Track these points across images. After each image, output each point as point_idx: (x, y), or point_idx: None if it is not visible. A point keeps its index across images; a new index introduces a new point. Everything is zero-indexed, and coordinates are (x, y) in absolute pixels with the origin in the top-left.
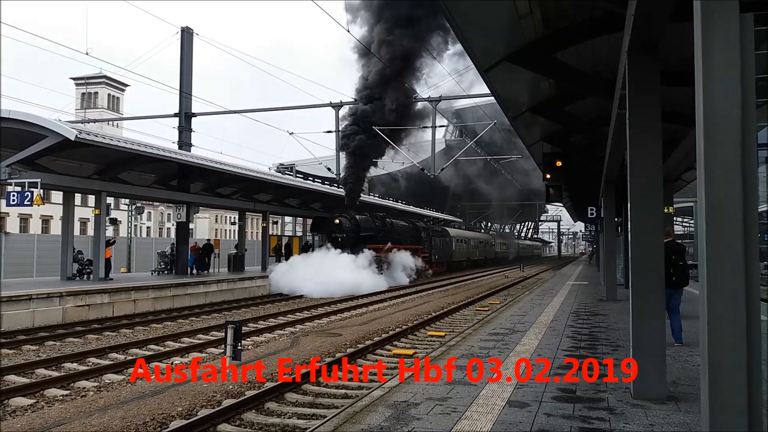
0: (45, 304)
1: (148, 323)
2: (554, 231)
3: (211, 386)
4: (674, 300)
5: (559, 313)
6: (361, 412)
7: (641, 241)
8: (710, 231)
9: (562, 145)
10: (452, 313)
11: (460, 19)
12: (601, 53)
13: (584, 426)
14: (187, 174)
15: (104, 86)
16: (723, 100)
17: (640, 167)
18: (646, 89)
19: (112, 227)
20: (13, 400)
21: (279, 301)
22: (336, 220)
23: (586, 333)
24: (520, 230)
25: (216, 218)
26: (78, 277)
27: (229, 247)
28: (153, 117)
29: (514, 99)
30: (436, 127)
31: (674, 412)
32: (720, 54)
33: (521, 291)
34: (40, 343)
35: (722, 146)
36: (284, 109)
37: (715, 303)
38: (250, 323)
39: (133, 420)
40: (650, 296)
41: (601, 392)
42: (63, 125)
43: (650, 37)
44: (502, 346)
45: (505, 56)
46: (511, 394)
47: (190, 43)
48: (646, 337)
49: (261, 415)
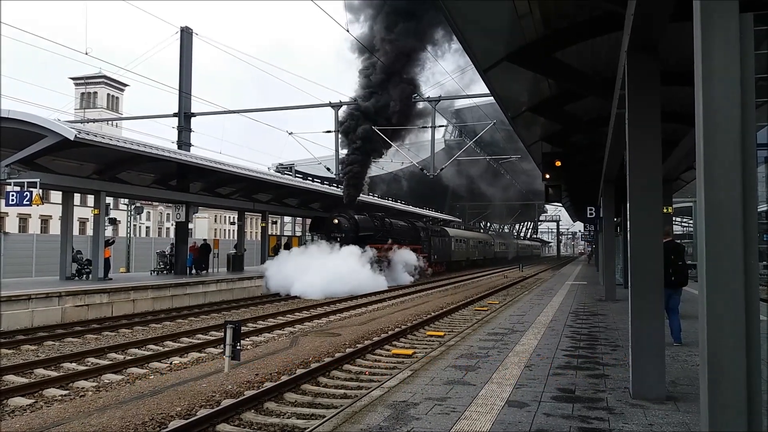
0: (44, 304)
1: (147, 323)
2: (553, 231)
3: (210, 386)
4: (673, 300)
5: (558, 313)
6: (360, 412)
7: (640, 241)
8: (710, 231)
9: (561, 145)
10: (451, 313)
11: (460, 19)
12: (600, 53)
13: (583, 426)
14: (187, 174)
15: (103, 86)
16: (723, 100)
17: (639, 167)
18: (646, 89)
19: (111, 227)
20: (12, 400)
21: (278, 301)
22: (335, 220)
23: (585, 333)
24: (520, 230)
25: (215, 218)
26: (77, 277)
27: (229, 247)
28: (152, 117)
29: (514, 99)
30: (435, 127)
31: (673, 412)
32: (720, 54)
33: (520, 291)
34: (39, 343)
35: (722, 146)
36: (284, 109)
37: (714, 303)
38: (249, 323)
39: (132, 420)
40: (649, 296)
41: (600, 392)
42: (62, 125)
43: (650, 36)
44: (501, 346)
45: (505, 56)
46: (510, 394)
47: (189, 43)
48: (645, 337)
49: (260, 415)
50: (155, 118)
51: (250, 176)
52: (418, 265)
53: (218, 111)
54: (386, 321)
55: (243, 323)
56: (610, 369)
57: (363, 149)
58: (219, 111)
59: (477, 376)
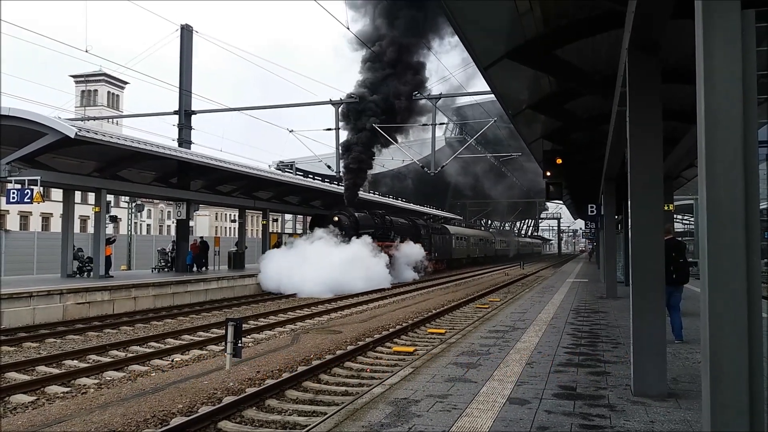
0: (45, 302)
1: (149, 320)
2: (554, 228)
3: (211, 383)
4: (674, 297)
5: (559, 310)
6: (361, 409)
7: (642, 239)
8: (711, 228)
9: (562, 143)
10: (452, 311)
11: (461, 17)
12: (601, 51)
13: (585, 423)
14: (187, 171)
15: (104, 84)
16: (724, 98)
17: (640, 164)
18: (647, 87)
19: (112, 225)
20: (14, 397)
21: (279, 299)
22: (335, 218)
23: (587, 330)
24: (521, 228)
25: (216, 216)
26: (78, 274)
27: (230, 245)
28: (153, 114)
29: (514, 96)
30: (436, 125)
31: (675, 410)
32: (721, 51)
33: (521, 288)
34: (41, 340)
35: (724, 144)
36: (284, 107)
37: (716, 301)
38: (251, 320)
39: (133, 417)
40: (650, 294)
41: (602, 389)
42: (63, 123)
43: (651, 34)
44: (502, 344)
45: (506, 54)
46: (512, 391)
47: (189, 41)
48: (647, 335)
49: (262, 412)
50: (156, 115)
51: (251, 174)
52: (422, 260)
53: (219, 108)
54: (387, 318)
55: (244, 320)
56: (612, 366)
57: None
58: (220, 108)
59: (478, 374)
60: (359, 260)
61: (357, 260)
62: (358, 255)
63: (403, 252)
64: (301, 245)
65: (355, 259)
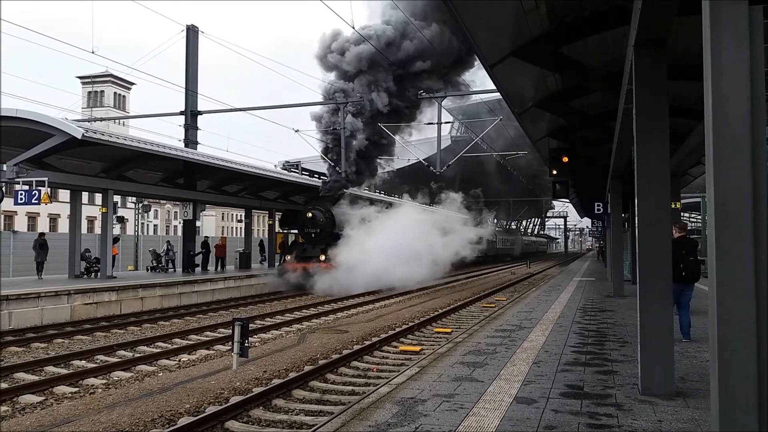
0: (53, 302)
1: (156, 321)
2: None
3: (218, 383)
4: (685, 295)
5: (566, 309)
6: (368, 408)
7: (649, 237)
8: (719, 226)
9: (568, 141)
10: (459, 310)
11: (466, 15)
12: (607, 47)
13: (592, 422)
14: (194, 172)
15: (110, 85)
16: (732, 94)
17: (647, 162)
18: (653, 84)
19: (119, 225)
20: (23, 398)
21: (285, 298)
22: (308, 214)
23: (594, 329)
24: (527, 226)
25: (222, 216)
26: (86, 275)
27: (236, 245)
28: (159, 115)
29: (520, 94)
30: (441, 124)
31: (682, 408)
32: (729, 47)
33: (528, 287)
34: (49, 340)
35: (731, 141)
36: (290, 107)
37: (724, 299)
38: (257, 320)
39: (141, 417)
40: (658, 292)
41: (609, 388)
42: (70, 124)
43: (657, 31)
44: (509, 343)
45: (511, 51)
46: (519, 391)
47: (195, 42)
48: (654, 333)
49: (268, 411)
50: (162, 116)
51: (257, 174)
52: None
53: (225, 109)
54: (393, 318)
55: (251, 320)
56: (619, 365)
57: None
58: (225, 109)
59: (485, 373)
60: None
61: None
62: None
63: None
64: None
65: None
